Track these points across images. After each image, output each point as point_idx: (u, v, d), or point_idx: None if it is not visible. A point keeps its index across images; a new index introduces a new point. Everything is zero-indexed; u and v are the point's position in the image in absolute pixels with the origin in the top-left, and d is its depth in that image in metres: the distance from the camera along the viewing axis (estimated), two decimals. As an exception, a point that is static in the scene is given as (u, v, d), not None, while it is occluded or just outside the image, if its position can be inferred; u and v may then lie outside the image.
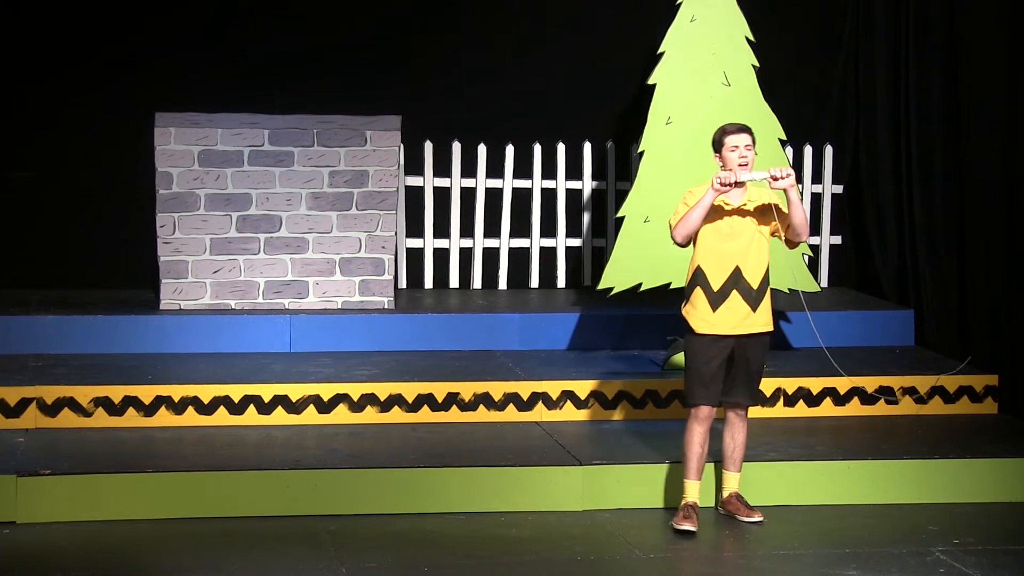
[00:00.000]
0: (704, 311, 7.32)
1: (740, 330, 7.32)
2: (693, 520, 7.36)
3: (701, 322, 7.32)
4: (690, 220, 7.21)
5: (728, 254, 7.27)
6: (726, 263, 7.27)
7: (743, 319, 7.31)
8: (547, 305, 10.27)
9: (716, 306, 7.30)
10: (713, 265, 7.29)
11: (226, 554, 6.99)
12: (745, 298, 7.29)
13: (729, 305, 7.28)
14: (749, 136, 7.27)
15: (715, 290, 7.29)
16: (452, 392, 8.66)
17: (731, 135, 7.25)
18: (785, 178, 7.13)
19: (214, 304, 9.71)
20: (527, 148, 10.86)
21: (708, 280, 7.30)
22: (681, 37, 9.22)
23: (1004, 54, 9.19)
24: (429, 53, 10.57)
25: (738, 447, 7.51)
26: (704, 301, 7.31)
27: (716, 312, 7.30)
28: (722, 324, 7.30)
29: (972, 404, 9.07)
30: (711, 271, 7.29)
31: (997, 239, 9.27)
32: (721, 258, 7.27)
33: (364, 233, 9.87)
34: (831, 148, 11.14)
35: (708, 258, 7.30)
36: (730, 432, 7.50)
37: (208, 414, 8.43)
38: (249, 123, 9.71)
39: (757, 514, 7.47)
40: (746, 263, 7.27)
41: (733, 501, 7.53)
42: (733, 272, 7.27)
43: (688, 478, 7.45)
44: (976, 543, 7.32)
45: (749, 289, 7.29)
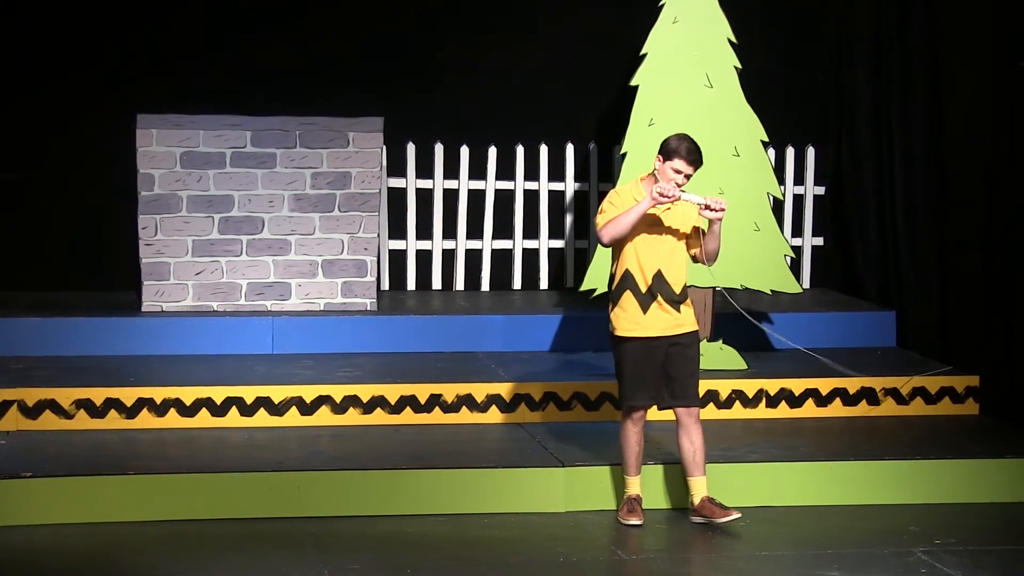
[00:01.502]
0: (635, 313, 7.38)
1: (671, 331, 7.38)
2: (638, 513, 7.48)
3: (633, 324, 7.38)
4: (622, 224, 7.27)
5: (652, 257, 7.35)
6: (650, 266, 7.35)
7: (672, 321, 7.38)
8: (530, 306, 10.28)
9: (646, 308, 7.36)
10: (638, 268, 7.36)
11: (209, 556, 6.98)
12: (668, 301, 7.36)
13: (657, 307, 7.35)
14: (695, 169, 7.32)
15: (643, 292, 7.36)
16: (435, 394, 8.66)
17: (684, 162, 7.26)
18: (717, 211, 7.23)
19: (196, 306, 9.70)
20: (510, 150, 10.87)
21: (636, 283, 7.37)
22: (664, 39, 9.24)
23: (986, 55, 9.21)
24: (412, 55, 10.57)
25: (698, 450, 7.45)
26: (634, 303, 7.37)
27: (647, 314, 7.36)
28: (653, 326, 7.37)
29: (954, 405, 9.09)
30: (638, 274, 7.37)
31: (978, 241, 9.30)
32: (646, 261, 7.35)
33: (347, 235, 9.86)
34: (813, 150, 11.17)
35: (634, 261, 7.37)
36: (687, 436, 7.45)
37: (190, 416, 8.42)
38: (231, 125, 9.70)
39: (733, 512, 7.42)
40: (668, 268, 7.36)
41: (707, 505, 7.46)
42: (656, 275, 7.35)
43: (629, 475, 7.56)
44: (957, 544, 7.34)
45: (671, 293, 7.37)
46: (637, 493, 7.55)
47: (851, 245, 10.93)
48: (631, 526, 7.44)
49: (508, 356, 9.50)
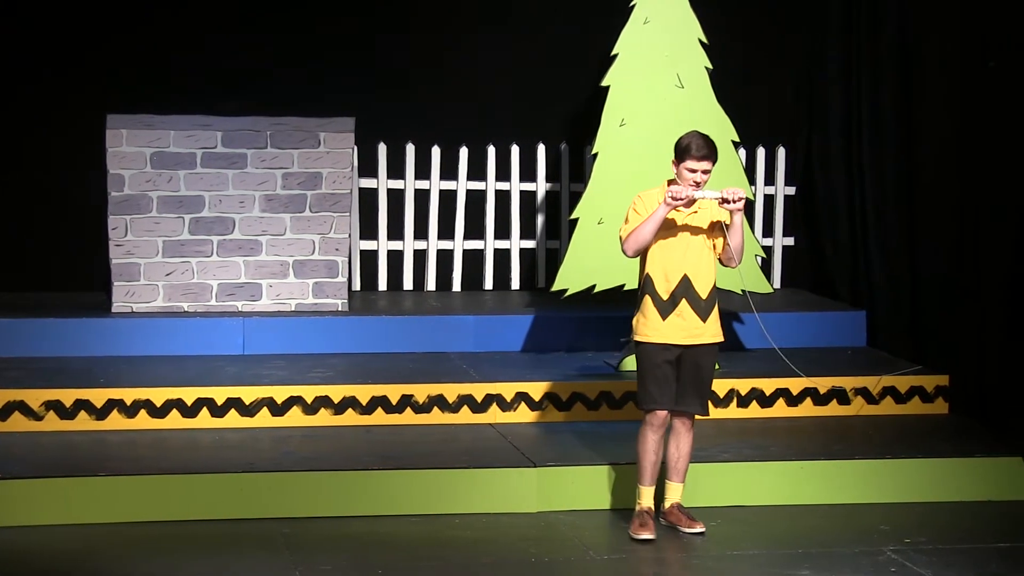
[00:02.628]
0: (654, 320, 7.26)
1: (689, 340, 7.27)
2: (650, 527, 7.33)
3: (651, 331, 7.27)
4: (642, 235, 7.16)
5: (677, 263, 7.22)
6: (675, 272, 7.22)
7: (693, 329, 7.26)
8: (501, 307, 10.28)
9: (666, 315, 7.24)
10: (662, 274, 7.24)
11: (180, 557, 6.96)
12: (695, 308, 7.24)
13: (679, 314, 7.23)
14: (711, 162, 7.17)
15: (664, 299, 7.24)
16: (406, 394, 8.65)
17: (694, 159, 7.13)
18: (735, 202, 7.09)
19: (167, 307, 9.67)
20: (481, 150, 10.87)
21: (656, 289, 7.25)
22: (635, 39, 9.25)
23: (956, 56, 9.25)
24: (383, 55, 10.56)
25: (683, 457, 7.43)
26: (653, 310, 7.26)
27: (666, 321, 7.24)
28: (672, 334, 7.25)
29: (923, 404, 9.13)
30: (660, 280, 7.25)
31: (948, 240, 9.34)
32: (670, 267, 7.22)
33: (318, 235, 9.85)
34: (784, 150, 11.20)
35: (657, 267, 7.25)
36: (675, 442, 7.42)
37: (161, 417, 8.39)
38: (202, 125, 9.68)
39: (699, 524, 7.39)
40: (696, 273, 7.23)
41: (675, 512, 7.45)
42: (682, 281, 7.22)
43: (643, 484, 7.40)
44: (927, 542, 7.37)
45: (698, 299, 7.24)
46: (650, 506, 7.38)
47: (822, 245, 10.97)
48: (642, 541, 7.28)
49: (480, 356, 9.50)
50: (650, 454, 7.36)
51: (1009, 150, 8.66)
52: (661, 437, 7.37)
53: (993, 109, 8.81)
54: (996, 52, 8.79)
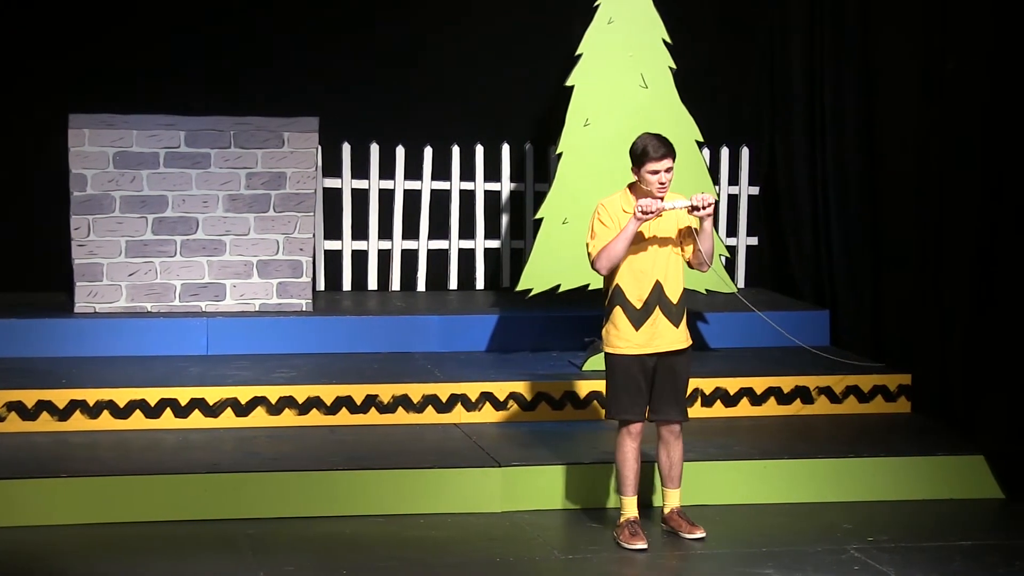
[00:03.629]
0: (626, 331, 7.20)
1: (663, 347, 7.23)
2: (641, 536, 7.26)
3: (623, 342, 7.21)
4: (614, 252, 7.08)
5: (648, 271, 7.16)
6: (647, 280, 7.16)
7: (667, 336, 7.21)
8: (466, 307, 10.28)
9: (639, 325, 7.18)
10: (633, 283, 7.17)
11: (144, 559, 6.94)
12: (667, 314, 7.19)
13: (653, 323, 7.19)
14: (671, 159, 7.11)
15: (637, 308, 7.18)
16: (371, 394, 8.64)
17: (653, 160, 7.07)
18: (705, 208, 7.05)
19: (130, 307, 9.63)
20: (445, 150, 10.86)
21: (628, 298, 7.19)
22: (599, 39, 9.26)
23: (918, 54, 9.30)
24: (347, 55, 10.54)
25: (675, 464, 7.40)
26: (625, 320, 7.19)
27: (639, 331, 7.19)
28: (646, 343, 7.20)
29: (886, 403, 9.18)
30: (631, 289, 7.18)
31: (909, 240, 9.39)
32: (641, 275, 7.16)
33: (282, 235, 9.82)
34: (747, 150, 11.24)
35: (627, 276, 7.18)
36: (666, 451, 7.39)
37: (124, 418, 8.36)
38: (165, 124, 9.64)
39: (700, 529, 7.37)
40: (667, 279, 7.18)
41: (675, 517, 7.44)
42: (654, 288, 7.17)
43: (625, 495, 7.34)
44: (889, 540, 7.41)
45: (670, 305, 7.19)
46: (635, 516, 7.33)
47: (785, 245, 11.01)
48: (637, 550, 7.20)
49: (444, 356, 9.50)
50: (630, 463, 7.30)
51: (969, 150, 8.71)
52: (639, 445, 7.32)
53: (953, 110, 8.86)
54: (955, 53, 8.84)
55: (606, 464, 7.78)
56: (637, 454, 7.30)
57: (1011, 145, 8.38)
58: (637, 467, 7.32)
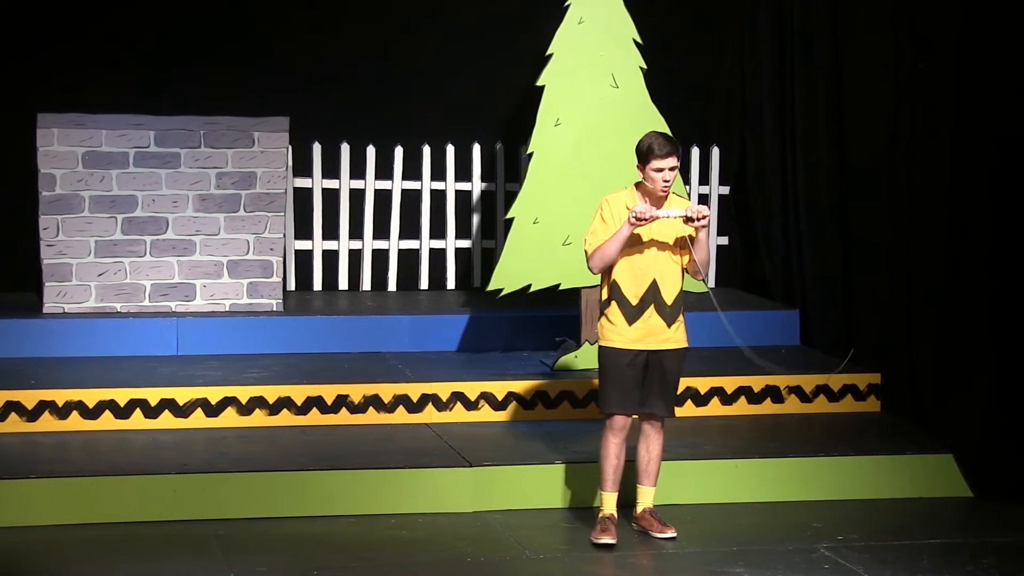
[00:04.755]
0: (620, 325, 7.23)
1: (656, 345, 7.25)
2: (611, 533, 7.29)
3: (616, 336, 7.23)
4: (607, 253, 7.13)
5: (646, 268, 7.19)
6: (644, 277, 7.19)
7: (659, 335, 7.24)
8: (437, 307, 10.27)
9: (632, 320, 7.21)
10: (630, 279, 7.20)
11: (114, 560, 6.91)
12: (661, 314, 7.22)
13: (646, 320, 7.21)
14: (675, 158, 7.14)
15: (633, 304, 7.21)
16: (342, 394, 8.63)
17: (658, 158, 7.10)
18: (700, 219, 7.08)
19: (99, 307, 9.59)
20: (416, 149, 10.85)
21: (624, 294, 7.22)
22: (569, 39, 9.26)
23: (886, 55, 9.33)
24: (317, 54, 10.52)
25: (653, 460, 7.40)
26: (620, 315, 7.23)
27: (632, 327, 7.22)
28: (638, 339, 7.23)
29: (856, 402, 9.21)
30: (628, 285, 7.21)
31: (880, 240, 9.42)
32: (639, 272, 7.19)
33: (252, 235, 9.80)
34: (717, 150, 11.26)
35: (625, 272, 7.21)
36: (645, 444, 7.40)
37: (93, 418, 8.33)
38: (134, 124, 9.61)
39: (671, 529, 7.37)
40: (663, 279, 7.21)
41: (647, 517, 7.44)
42: (651, 286, 7.20)
43: (605, 490, 7.36)
44: (859, 539, 7.44)
45: (664, 305, 7.22)
46: (612, 512, 7.34)
47: (755, 244, 11.04)
48: (603, 545, 7.25)
49: (415, 356, 9.49)
50: (611, 458, 7.32)
51: (938, 150, 8.75)
52: (623, 442, 7.33)
53: (923, 110, 8.89)
54: (926, 53, 8.87)
55: (577, 464, 7.79)
56: (620, 450, 7.32)
57: (981, 145, 8.42)
58: (618, 463, 7.33)
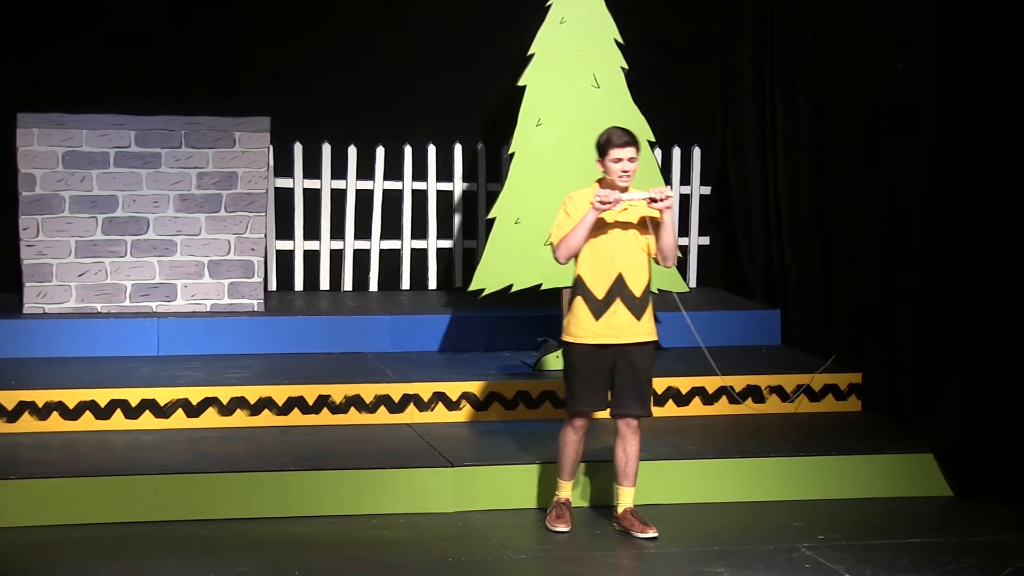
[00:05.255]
0: (586, 320, 7.24)
1: (623, 339, 7.25)
2: (566, 519, 7.40)
3: (583, 332, 7.24)
4: (573, 241, 7.14)
5: (610, 262, 7.20)
6: (609, 271, 7.20)
7: (626, 328, 7.24)
8: (418, 307, 10.27)
9: (599, 315, 7.23)
10: (595, 274, 7.22)
11: (95, 561, 6.89)
12: (629, 307, 7.23)
13: (612, 314, 7.22)
14: (634, 148, 7.19)
15: (599, 299, 7.22)
16: (323, 395, 8.62)
17: (616, 148, 7.16)
18: (663, 200, 7.09)
19: (80, 307, 9.57)
20: (397, 150, 10.85)
21: (590, 289, 7.23)
22: (551, 39, 9.27)
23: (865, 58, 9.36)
24: (298, 54, 10.50)
25: (631, 461, 7.40)
26: (586, 310, 7.24)
27: (599, 321, 7.23)
28: (605, 334, 7.24)
29: (837, 402, 9.23)
30: (592, 280, 7.23)
31: (860, 240, 9.45)
32: (603, 266, 7.21)
33: (233, 235, 9.78)
34: (699, 150, 11.27)
35: (589, 267, 7.23)
36: (622, 446, 7.39)
37: (74, 419, 8.30)
38: (115, 124, 9.59)
39: (652, 529, 7.37)
40: (629, 271, 7.21)
41: (628, 517, 7.44)
42: (616, 280, 7.21)
43: (561, 478, 7.47)
44: (840, 538, 7.45)
45: (632, 297, 7.22)
46: (567, 498, 7.43)
47: (736, 244, 11.06)
48: (558, 532, 7.35)
49: (396, 356, 9.49)
50: (570, 452, 7.40)
51: (918, 150, 8.77)
52: (582, 437, 7.38)
53: (902, 110, 8.92)
54: (906, 53, 8.90)
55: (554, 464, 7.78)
56: (578, 445, 7.39)
57: (961, 145, 8.45)
58: (576, 457, 7.41)
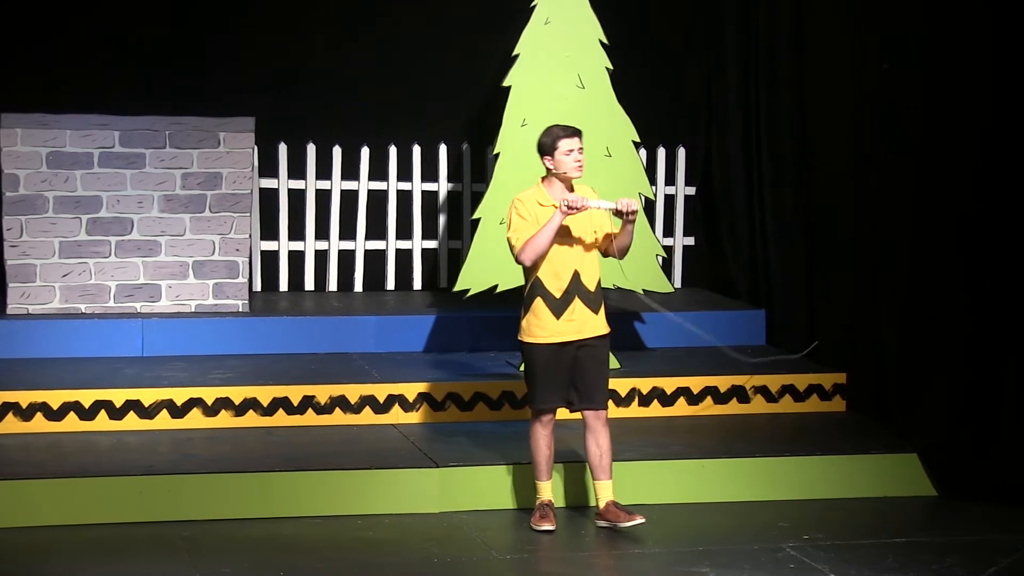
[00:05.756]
0: (548, 321, 7.30)
1: (583, 334, 7.34)
2: (550, 519, 7.42)
3: (544, 331, 7.31)
4: (539, 244, 7.21)
5: (567, 261, 7.29)
6: (566, 270, 7.29)
7: (585, 323, 7.33)
8: (403, 307, 10.26)
9: (559, 314, 7.30)
10: (553, 273, 7.29)
11: (79, 562, 6.88)
12: (586, 302, 7.32)
13: (572, 311, 7.30)
14: (580, 138, 7.32)
15: (558, 298, 7.30)
16: (308, 395, 8.61)
17: (565, 139, 7.27)
18: (629, 214, 7.19)
19: (64, 308, 9.55)
20: (382, 150, 10.84)
21: (548, 289, 7.30)
22: (536, 39, 9.27)
23: (849, 57, 9.37)
24: (283, 54, 10.48)
25: (604, 453, 7.44)
26: (546, 310, 7.30)
27: (560, 320, 7.30)
28: (566, 331, 7.31)
29: (821, 402, 9.24)
30: (551, 280, 7.30)
31: (845, 239, 9.46)
32: (560, 266, 7.29)
33: (218, 236, 9.77)
34: (684, 150, 11.28)
35: (547, 267, 7.30)
36: (593, 439, 7.44)
37: (58, 420, 8.28)
38: (99, 124, 9.56)
39: (637, 517, 7.39)
40: (583, 268, 7.31)
41: (611, 510, 7.45)
42: (573, 277, 7.30)
43: (540, 479, 7.49)
44: (825, 538, 7.46)
45: (588, 293, 7.33)
46: (549, 499, 7.47)
47: (721, 245, 11.06)
48: (543, 532, 7.38)
49: (382, 357, 9.48)
50: (543, 449, 7.44)
51: (902, 151, 8.79)
52: (551, 432, 7.46)
53: (887, 111, 8.94)
54: (890, 55, 8.92)
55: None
56: (549, 440, 7.44)
57: (945, 145, 8.47)
58: (549, 453, 7.46)
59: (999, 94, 8.17)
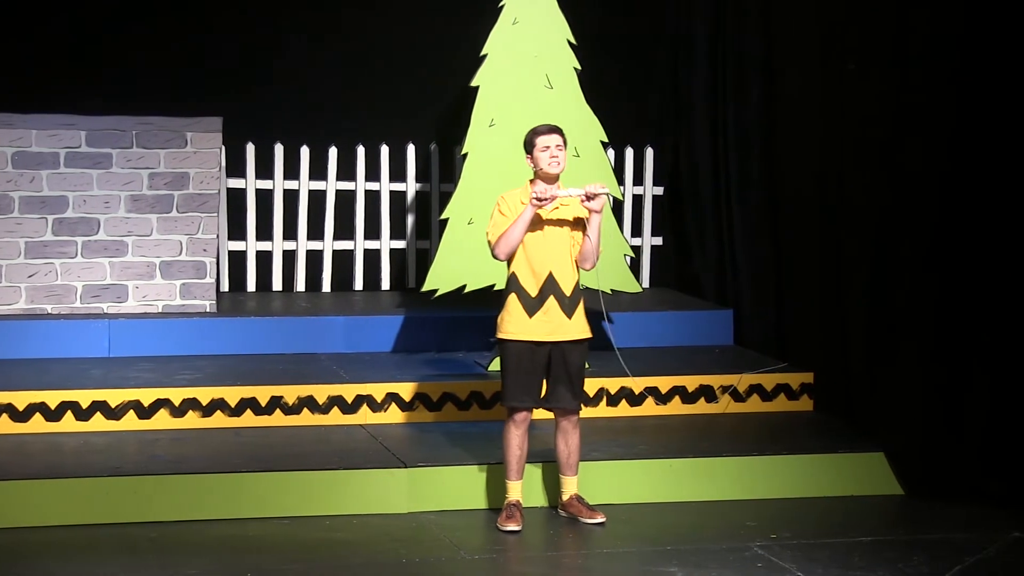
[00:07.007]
0: (520, 318, 7.36)
1: (556, 336, 7.38)
2: (517, 519, 7.44)
3: (517, 329, 7.36)
4: (511, 237, 7.27)
5: (543, 260, 7.33)
6: (541, 269, 7.34)
7: (559, 326, 7.37)
8: (371, 307, 10.25)
9: (532, 312, 7.35)
10: (528, 271, 7.35)
11: (45, 564, 6.85)
12: (560, 305, 7.36)
13: (545, 311, 7.34)
14: (560, 136, 7.37)
15: (532, 296, 7.34)
16: (276, 396, 8.59)
17: (542, 135, 7.35)
18: (596, 198, 7.20)
19: (29, 309, 9.51)
20: (350, 150, 10.82)
21: (523, 286, 7.35)
22: (504, 39, 9.27)
23: (817, 56, 9.41)
24: (250, 54, 10.46)
25: (572, 452, 7.52)
26: (519, 308, 7.36)
27: (532, 319, 7.35)
28: (538, 331, 7.36)
29: (789, 401, 9.27)
30: (526, 278, 7.35)
31: (811, 240, 9.49)
32: (536, 264, 7.34)
33: (185, 236, 9.74)
34: (651, 150, 11.30)
35: (523, 265, 7.36)
36: (563, 439, 7.51)
37: (23, 421, 8.25)
38: (65, 124, 9.53)
39: (599, 515, 7.49)
40: (559, 270, 7.35)
41: (574, 503, 7.55)
42: (548, 278, 7.34)
43: (510, 479, 7.52)
44: (792, 537, 7.49)
45: (563, 296, 7.35)
46: (517, 499, 7.50)
47: (689, 245, 11.09)
48: (509, 532, 7.40)
49: (350, 357, 9.47)
50: (515, 449, 7.46)
51: (868, 150, 8.82)
52: (525, 432, 7.46)
53: (853, 110, 8.97)
54: (856, 54, 8.95)
55: (512, 464, 7.78)
56: (522, 440, 7.45)
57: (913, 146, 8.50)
58: (521, 454, 7.47)
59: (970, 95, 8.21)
